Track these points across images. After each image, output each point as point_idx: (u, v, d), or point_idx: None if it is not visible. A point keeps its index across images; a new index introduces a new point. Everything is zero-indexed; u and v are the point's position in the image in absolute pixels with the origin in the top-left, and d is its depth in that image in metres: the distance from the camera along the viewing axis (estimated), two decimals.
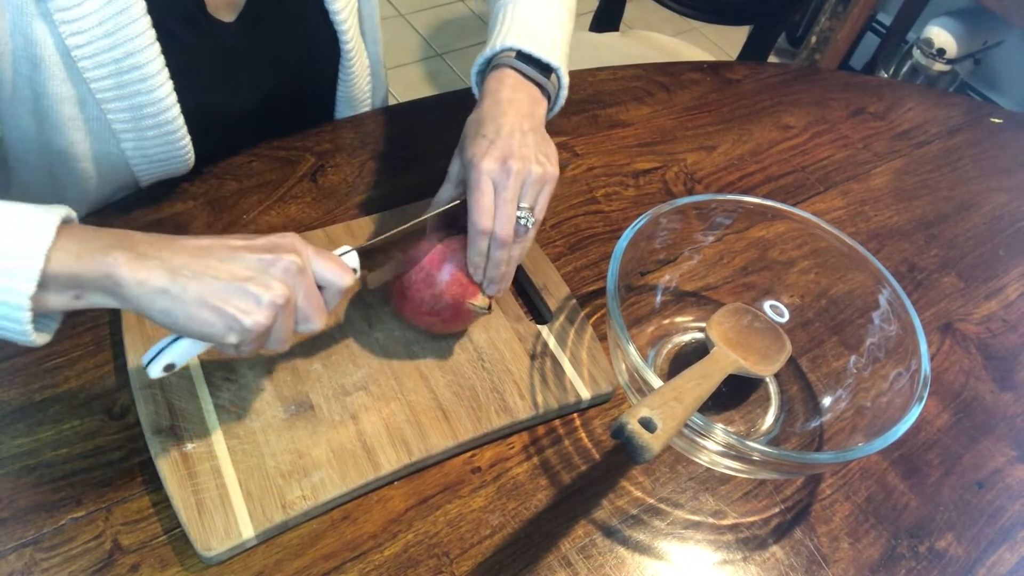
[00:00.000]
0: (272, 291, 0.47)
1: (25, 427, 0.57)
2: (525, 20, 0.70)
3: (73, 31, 0.60)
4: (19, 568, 0.51)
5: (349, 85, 0.85)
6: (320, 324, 0.51)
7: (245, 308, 0.46)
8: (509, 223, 0.59)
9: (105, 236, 0.46)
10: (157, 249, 0.46)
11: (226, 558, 0.53)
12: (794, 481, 0.65)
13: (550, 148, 0.64)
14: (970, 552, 0.63)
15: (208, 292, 0.46)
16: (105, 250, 0.45)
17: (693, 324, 0.73)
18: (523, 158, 0.60)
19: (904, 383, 0.61)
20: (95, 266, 0.44)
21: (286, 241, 0.50)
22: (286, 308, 0.48)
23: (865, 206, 0.91)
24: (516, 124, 0.62)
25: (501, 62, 0.67)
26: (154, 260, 0.45)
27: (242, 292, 0.46)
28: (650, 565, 0.58)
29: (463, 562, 0.56)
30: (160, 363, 0.49)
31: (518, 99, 0.64)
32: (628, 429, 0.48)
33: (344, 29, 0.79)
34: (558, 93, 0.70)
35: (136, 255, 0.45)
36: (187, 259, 0.46)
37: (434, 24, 2.43)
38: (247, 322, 0.46)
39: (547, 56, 0.67)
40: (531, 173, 0.60)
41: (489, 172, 0.59)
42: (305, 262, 0.50)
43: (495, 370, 0.65)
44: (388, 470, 0.58)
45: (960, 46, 1.98)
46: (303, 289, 0.49)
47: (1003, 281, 0.86)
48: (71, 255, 0.44)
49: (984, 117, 1.08)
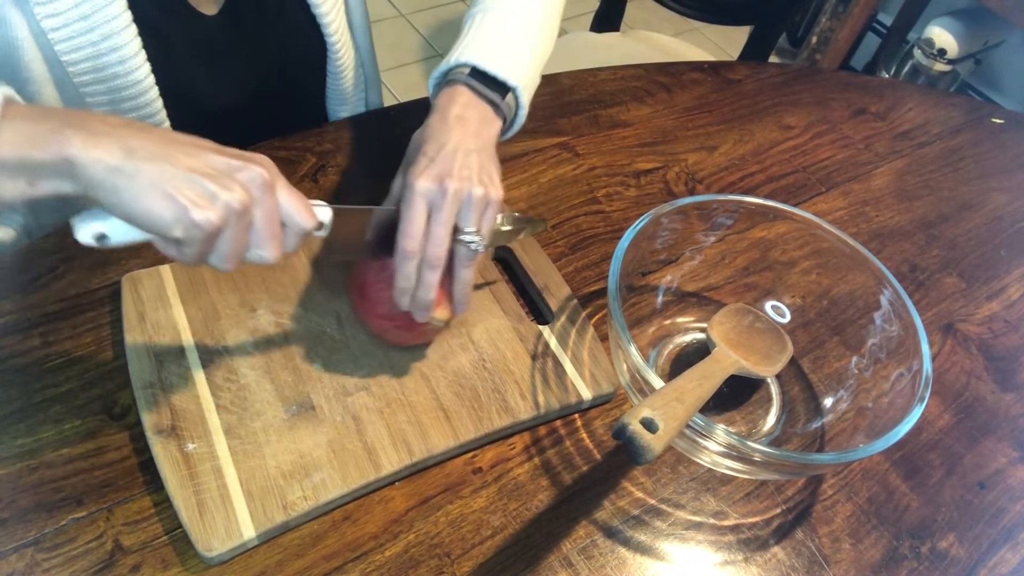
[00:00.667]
0: (231, 192, 0.44)
1: (25, 427, 0.57)
2: (489, 34, 0.67)
3: (48, 13, 0.60)
4: (20, 568, 0.51)
5: (338, 79, 0.84)
6: (272, 254, 0.48)
7: (198, 201, 0.43)
8: (441, 245, 0.56)
9: (57, 115, 0.43)
10: (116, 129, 0.43)
11: (227, 558, 0.53)
12: (795, 482, 0.65)
13: (494, 170, 0.61)
14: (972, 553, 0.63)
15: (163, 177, 0.42)
16: (58, 129, 0.42)
17: (694, 324, 0.73)
18: (462, 179, 0.57)
19: (905, 384, 0.61)
20: (48, 147, 0.41)
21: (259, 158, 0.48)
22: (241, 217, 0.45)
23: (866, 206, 0.91)
24: (460, 143, 0.59)
25: (455, 78, 0.64)
26: (110, 138, 0.42)
27: (198, 185, 0.43)
28: (651, 566, 0.58)
29: (464, 562, 0.56)
30: (91, 228, 0.45)
31: (466, 118, 0.62)
32: (629, 430, 0.48)
33: (327, 22, 0.78)
34: (516, 114, 0.68)
35: (90, 133, 0.42)
36: (147, 142, 0.43)
37: (434, 24, 2.43)
38: (197, 216, 0.43)
39: (503, 75, 0.64)
40: (471, 194, 0.57)
41: (424, 192, 0.56)
42: (273, 183, 0.47)
43: (496, 370, 0.65)
44: (389, 470, 0.58)
45: (961, 46, 1.98)
46: (264, 207, 0.46)
47: (1004, 281, 0.85)
48: (22, 136, 0.41)
49: (985, 117, 1.08)
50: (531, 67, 0.68)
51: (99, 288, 0.66)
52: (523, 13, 0.70)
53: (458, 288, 0.60)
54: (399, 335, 0.62)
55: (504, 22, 0.68)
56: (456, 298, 0.60)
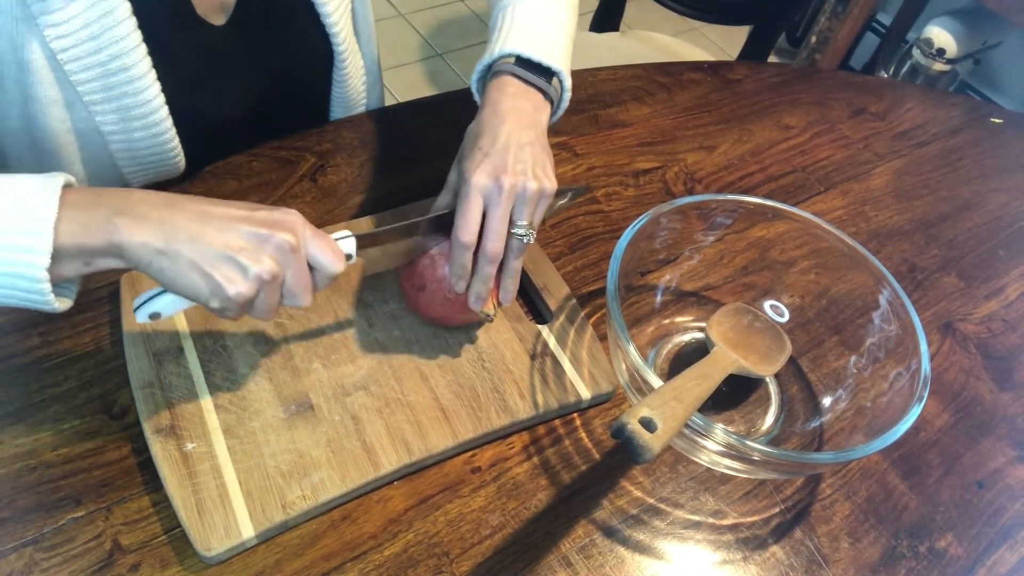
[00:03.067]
0: (260, 265, 0.48)
1: (25, 427, 0.57)
2: (525, 22, 0.68)
3: (58, 35, 0.60)
4: (19, 568, 0.51)
5: (344, 87, 0.85)
6: (306, 302, 0.52)
7: (231, 277, 0.48)
8: (499, 240, 0.58)
9: (106, 201, 0.47)
10: (158, 210, 0.48)
11: (226, 558, 0.53)
12: (794, 481, 0.65)
13: (547, 160, 0.62)
14: (970, 552, 0.63)
15: (199, 257, 0.47)
16: (108, 218, 0.46)
17: (693, 324, 0.73)
18: (517, 173, 0.58)
19: (904, 383, 0.61)
20: (100, 235, 0.46)
21: (287, 219, 0.51)
22: (271, 283, 0.50)
23: (865, 206, 0.91)
24: (514, 136, 0.61)
25: (501, 69, 0.65)
26: (154, 222, 0.47)
27: (231, 262, 0.48)
28: (650, 565, 0.58)
29: (463, 562, 0.56)
30: (147, 310, 0.52)
31: (518, 108, 0.63)
32: (628, 429, 0.48)
33: (336, 31, 0.78)
34: (561, 96, 0.69)
35: (136, 218, 0.47)
36: (186, 223, 0.48)
37: (434, 24, 2.43)
38: (230, 290, 0.48)
39: (548, 60, 0.65)
40: (526, 190, 0.58)
41: (480, 188, 0.58)
42: (300, 242, 0.51)
43: (495, 370, 0.65)
44: (388, 470, 0.58)
45: (960, 46, 1.98)
46: (293, 268, 0.50)
47: (1003, 281, 0.86)
48: (77, 225, 0.46)
49: (984, 117, 1.08)
50: (567, 51, 0.70)
51: (99, 288, 0.66)
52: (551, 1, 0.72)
53: (507, 279, 0.62)
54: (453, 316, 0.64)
55: (538, 9, 0.70)
56: (504, 287, 0.62)
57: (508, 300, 0.63)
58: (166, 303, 0.52)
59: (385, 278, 0.69)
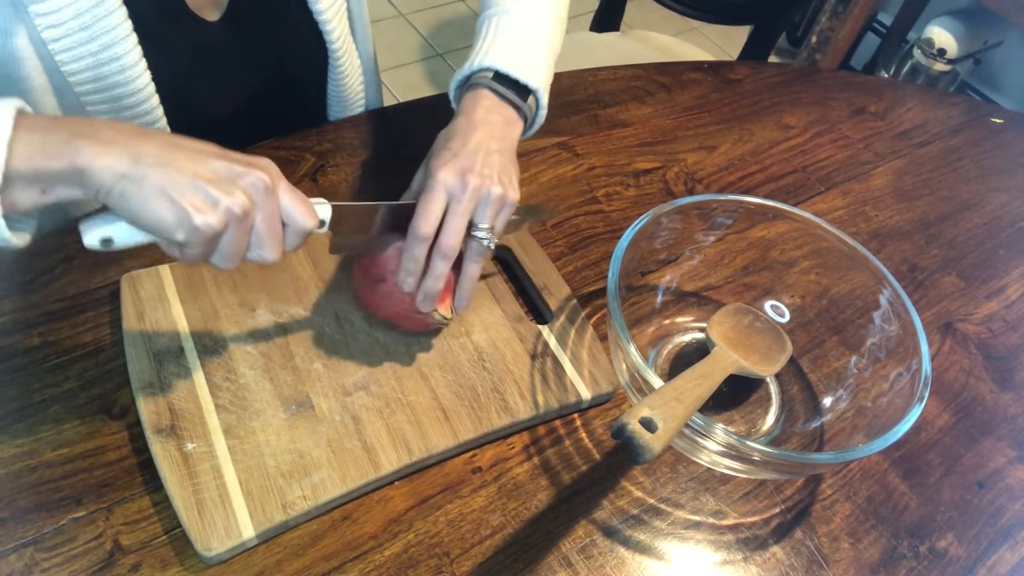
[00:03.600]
0: (231, 197, 0.46)
1: (25, 427, 0.57)
2: (508, 36, 0.68)
3: (49, 24, 0.60)
4: (19, 568, 0.51)
5: (339, 85, 0.84)
6: (273, 254, 0.50)
7: (199, 206, 0.45)
8: (456, 237, 0.58)
9: (66, 124, 0.44)
10: (125, 136, 0.45)
11: (226, 558, 0.53)
12: (794, 481, 0.65)
13: (513, 172, 0.62)
14: (971, 552, 0.63)
15: (167, 182, 0.44)
16: (68, 140, 0.43)
17: (694, 324, 0.73)
18: (484, 176, 0.58)
19: (905, 383, 0.61)
20: (59, 158, 0.43)
21: (263, 162, 0.49)
22: (242, 221, 0.47)
23: (866, 206, 0.91)
24: (484, 142, 0.61)
25: (478, 81, 0.65)
26: (120, 145, 0.44)
27: (201, 190, 0.45)
28: (650, 565, 0.58)
29: (463, 562, 0.56)
30: (98, 234, 0.47)
31: (491, 120, 0.63)
32: (629, 429, 0.48)
33: (329, 29, 0.78)
34: (536, 114, 0.69)
35: (100, 141, 0.44)
36: (155, 149, 0.45)
37: (434, 24, 2.43)
38: (197, 220, 0.45)
39: (525, 78, 0.65)
40: (490, 192, 0.58)
41: (445, 183, 0.58)
42: (275, 186, 0.49)
43: (496, 370, 0.65)
44: (388, 470, 0.58)
45: (960, 46, 1.98)
46: (265, 210, 0.48)
47: (1004, 281, 0.86)
48: (33, 147, 0.43)
49: (985, 117, 1.08)
50: (548, 67, 0.70)
51: (99, 288, 0.66)
52: (537, 14, 0.71)
53: (463, 283, 0.61)
54: (400, 319, 0.63)
55: (521, 24, 0.69)
56: (459, 293, 0.61)
57: (462, 307, 0.62)
58: (121, 230, 0.47)
59: None
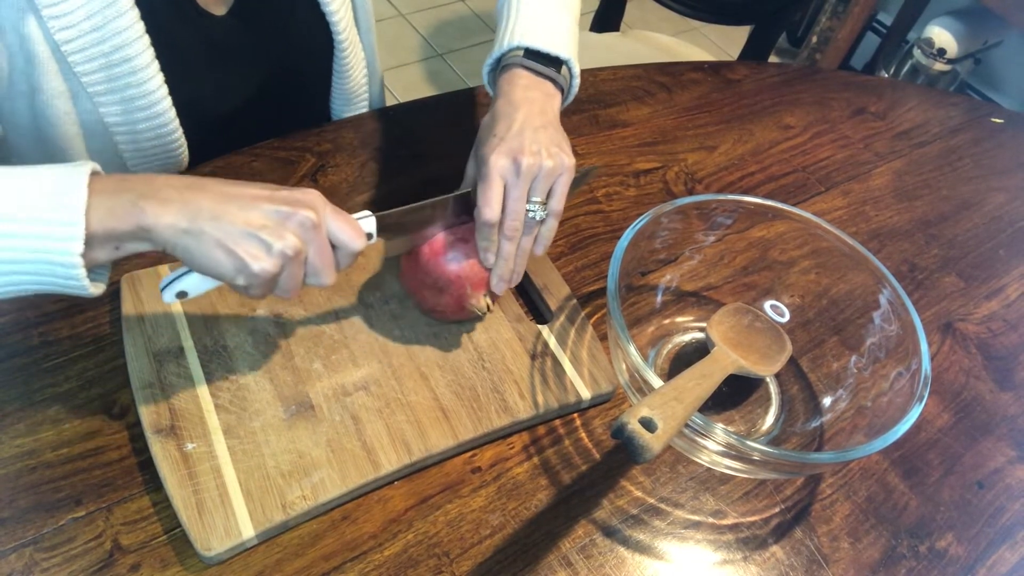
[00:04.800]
0: (283, 241, 0.49)
1: (25, 427, 0.57)
2: (531, 13, 0.69)
3: (62, 26, 0.61)
4: (19, 568, 0.51)
5: (345, 78, 0.85)
6: (329, 280, 0.53)
7: (255, 254, 0.49)
8: (518, 219, 0.60)
9: (132, 186, 0.48)
10: (181, 192, 0.49)
11: (226, 558, 0.53)
12: (794, 481, 0.65)
13: (563, 139, 0.64)
14: (970, 552, 0.63)
15: (223, 235, 0.48)
16: (134, 202, 0.47)
17: (694, 324, 0.73)
18: (534, 153, 0.60)
19: (904, 383, 0.61)
20: (127, 219, 0.47)
21: (307, 197, 0.52)
22: (295, 260, 0.50)
23: (866, 206, 0.91)
24: (528, 121, 0.62)
25: (510, 62, 0.67)
26: (178, 203, 0.48)
27: (254, 239, 0.49)
28: (650, 565, 0.58)
29: (463, 562, 0.56)
30: (173, 289, 0.53)
31: (530, 98, 0.64)
32: (628, 429, 0.48)
33: (336, 20, 0.79)
34: (571, 82, 0.70)
35: (160, 201, 0.48)
36: (208, 203, 0.49)
37: (434, 24, 2.43)
38: (255, 267, 0.49)
39: (556, 50, 0.67)
40: (542, 168, 0.60)
41: (499, 168, 0.59)
42: (321, 219, 0.52)
43: (495, 370, 0.65)
44: (388, 470, 0.58)
45: (960, 46, 1.98)
46: (315, 244, 0.51)
47: (1003, 281, 0.86)
48: (105, 211, 0.47)
49: (984, 117, 1.08)
50: (573, 35, 0.71)
51: None
52: None
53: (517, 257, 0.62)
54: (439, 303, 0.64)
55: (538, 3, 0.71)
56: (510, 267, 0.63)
57: (503, 288, 0.63)
58: (193, 282, 0.53)
59: (384, 278, 0.69)
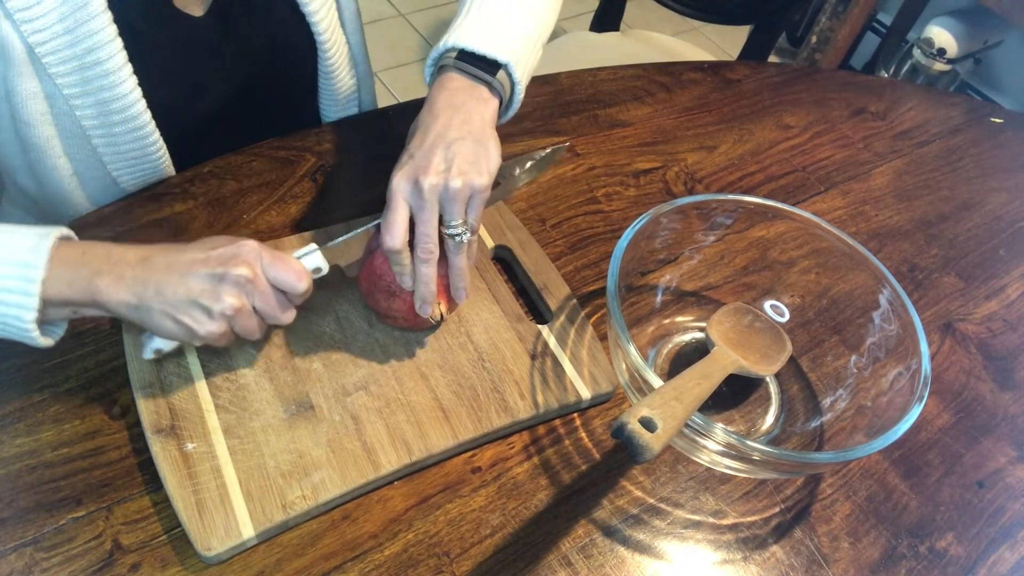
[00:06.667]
0: (221, 304, 0.52)
1: (25, 427, 0.57)
2: (478, 15, 0.66)
3: (34, 29, 0.61)
4: (19, 568, 0.51)
5: (330, 79, 0.83)
6: (286, 319, 0.56)
7: (198, 319, 0.53)
8: (428, 242, 0.58)
9: (91, 262, 0.52)
10: (133, 268, 0.53)
11: (226, 558, 0.53)
12: (794, 481, 0.65)
13: (481, 154, 0.59)
14: (970, 552, 0.63)
15: (168, 307, 0.52)
16: (89, 279, 0.52)
17: (693, 324, 0.73)
18: (439, 173, 0.57)
19: (904, 383, 0.61)
20: (83, 292, 0.52)
21: (242, 251, 0.54)
22: (239, 314, 0.53)
23: (865, 206, 0.91)
24: (443, 134, 0.59)
25: (445, 63, 0.64)
26: (128, 280, 0.52)
27: (195, 305, 0.52)
28: (650, 565, 0.58)
29: (463, 562, 0.56)
30: (150, 347, 0.58)
31: (455, 104, 0.61)
32: (628, 429, 0.48)
33: (316, 21, 0.77)
34: (513, 89, 0.66)
35: (114, 278, 0.52)
36: (155, 276, 0.52)
37: (434, 24, 2.43)
38: (201, 331, 0.53)
39: (493, 52, 0.63)
40: (448, 189, 0.57)
41: (401, 191, 0.57)
42: (256, 272, 0.54)
43: (495, 370, 0.65)
44: (388, 470, 0.58)
45: (960, 46, 1.98)
46: (257, 295, 0.54)
47: (1003, 281, 0.86)
48: (63, 283, 0.52)
49: (984, 117, 1.08)
50: (525, 42, 0.67)
51: None
52: None
53: (452, 276, 0.61)
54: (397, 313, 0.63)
55: (494, 1, 0.67)
56: (453, 287, 0.62)
57: (461, 299, 0.62)
58: (163, 340, 0.58)
59: None
